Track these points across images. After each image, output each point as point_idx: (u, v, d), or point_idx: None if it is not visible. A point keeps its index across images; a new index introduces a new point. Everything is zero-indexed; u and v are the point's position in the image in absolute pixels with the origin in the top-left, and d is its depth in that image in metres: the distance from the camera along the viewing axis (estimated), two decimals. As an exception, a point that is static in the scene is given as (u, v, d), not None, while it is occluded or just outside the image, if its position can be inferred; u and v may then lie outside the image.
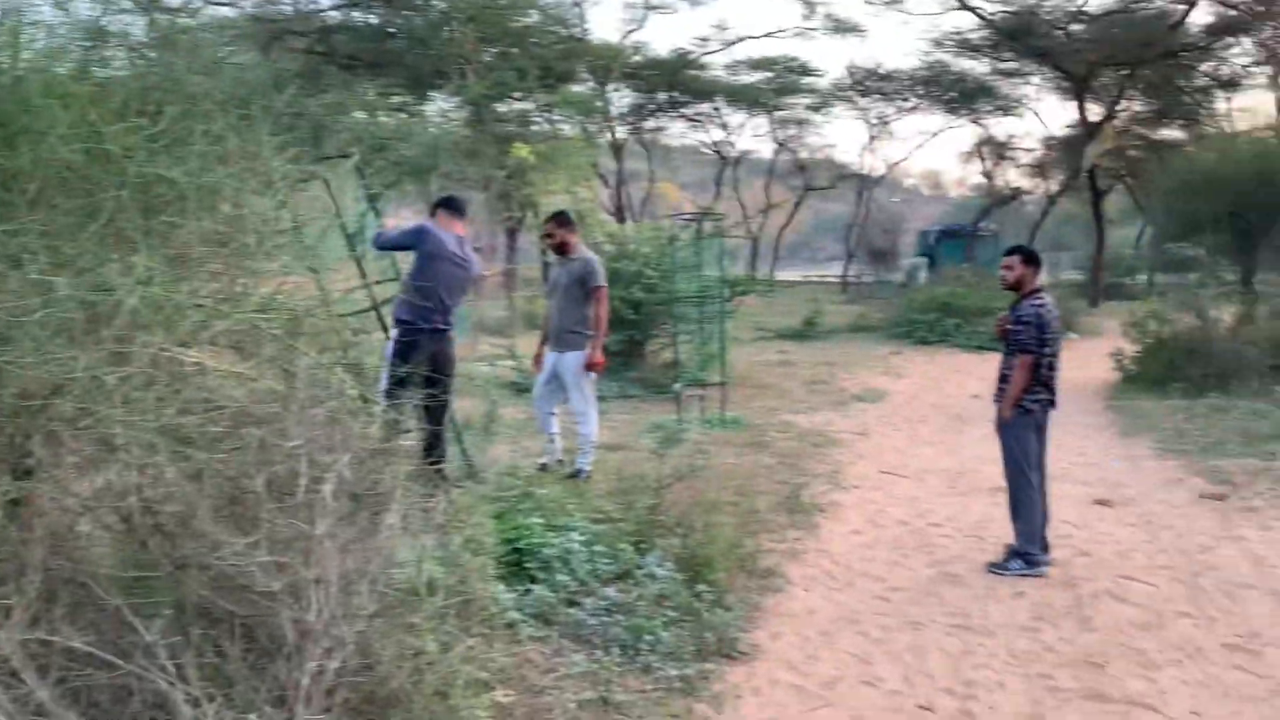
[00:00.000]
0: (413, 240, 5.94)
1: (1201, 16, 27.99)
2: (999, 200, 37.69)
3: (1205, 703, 4.03)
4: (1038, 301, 5.74)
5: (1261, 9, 26.36)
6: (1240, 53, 30.86)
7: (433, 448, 5.68)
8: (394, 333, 5.86)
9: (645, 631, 4.18)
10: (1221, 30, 28.34)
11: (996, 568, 5.65)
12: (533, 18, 28.17)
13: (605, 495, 5.94)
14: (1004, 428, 5.82)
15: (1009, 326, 5.82)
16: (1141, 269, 31.66)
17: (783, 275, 44.66)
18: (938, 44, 32.56)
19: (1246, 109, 34.55)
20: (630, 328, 11.91)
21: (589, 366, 6.94)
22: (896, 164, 45.57)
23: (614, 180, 35.36)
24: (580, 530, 5.02)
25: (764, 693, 4.04)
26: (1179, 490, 7.49)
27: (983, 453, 8.87)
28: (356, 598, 2.86)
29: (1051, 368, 5.76)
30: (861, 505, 7.14)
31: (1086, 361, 15.39)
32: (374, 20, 25.75)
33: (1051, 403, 5.82)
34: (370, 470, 3.11)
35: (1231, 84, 32.53)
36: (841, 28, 34.12)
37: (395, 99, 27.21)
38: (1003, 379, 5.84)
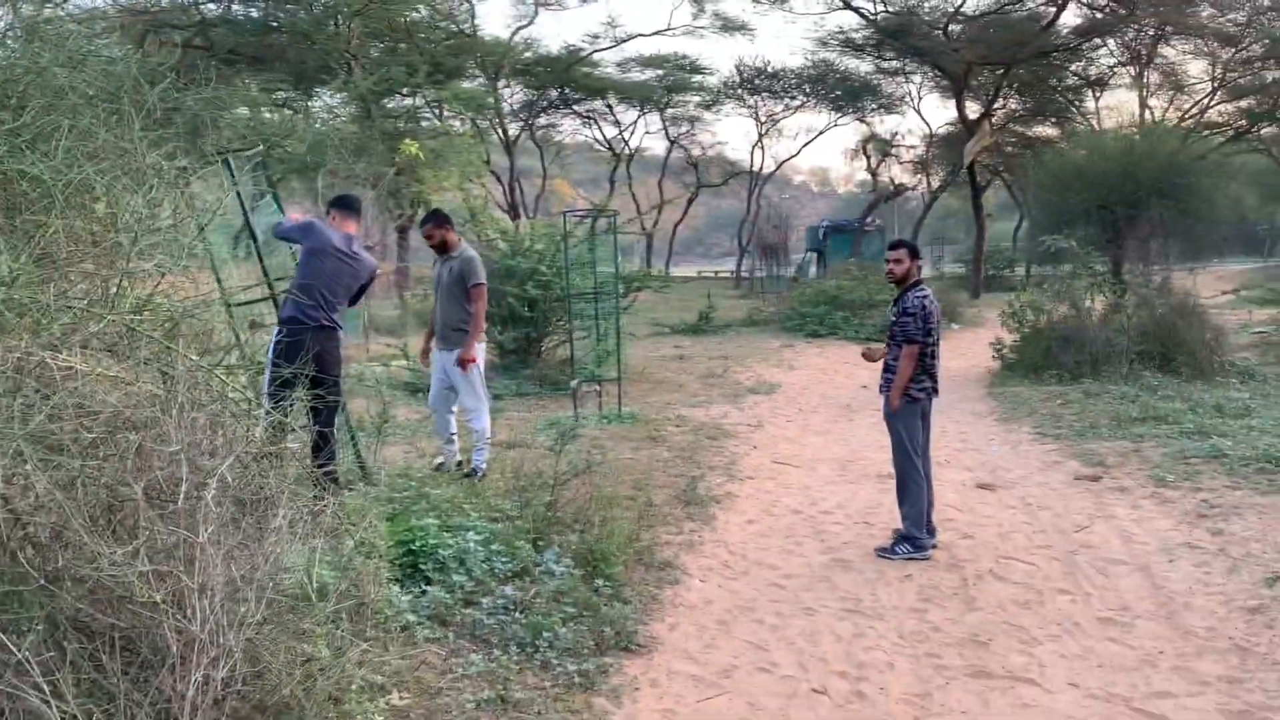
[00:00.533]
0: (299, 235, 5.82)
1: (1071, 19, 29.29)
2: (884, 196, 38.72)
3: (1082, 674, 4.22)
4: (921, 293, 5.93)
5: (1124, 12, 27.69)
6: (1106, 54, 32.45)
7: (321, 449, 5.56)
8: (277, 331, 5.72)
9: (543, 628, 4.18)
10: (1088, 32, 29.70)
11: (885, 552, 5.82)
12: (421, 13, 27.74)
13: (502, 494, 5.91)
14: (892, 416, 5.99)
15: (894, 318, 5.98)
16: (1020, 261, 32.90)
17: (677, 271, 45.00)
18: (823, 43, 33.32)
19: (1113, 107, 36.33)
20: (526, 325, 11.87)
21: (460, 362, 6.89)
22: (786, 161, 46.40)
23: (507, 177, 35.08)
24: (477, 530, 4.98)
25: (662, 684, 4.08)
26: (1056, 473, 7.83)
27: (871, 440, 9.14)
28: (243, 605, 2.78)
29: (934, 356, 5.96)
30: (756, 495, 7.27)
31: (969, 351, 15.97)
32: (255, 14, 24.98)
33: (935, 390, 6.01)
34: (255, 474, 3.03)
35: (1099, 83, 34.17)
36: (730, 26, 34.58)
37: (279, 95, 26.50)
38: (888, 369, 6.02)
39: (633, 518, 5.98)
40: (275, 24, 24.60)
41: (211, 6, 24.50)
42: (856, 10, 29.53)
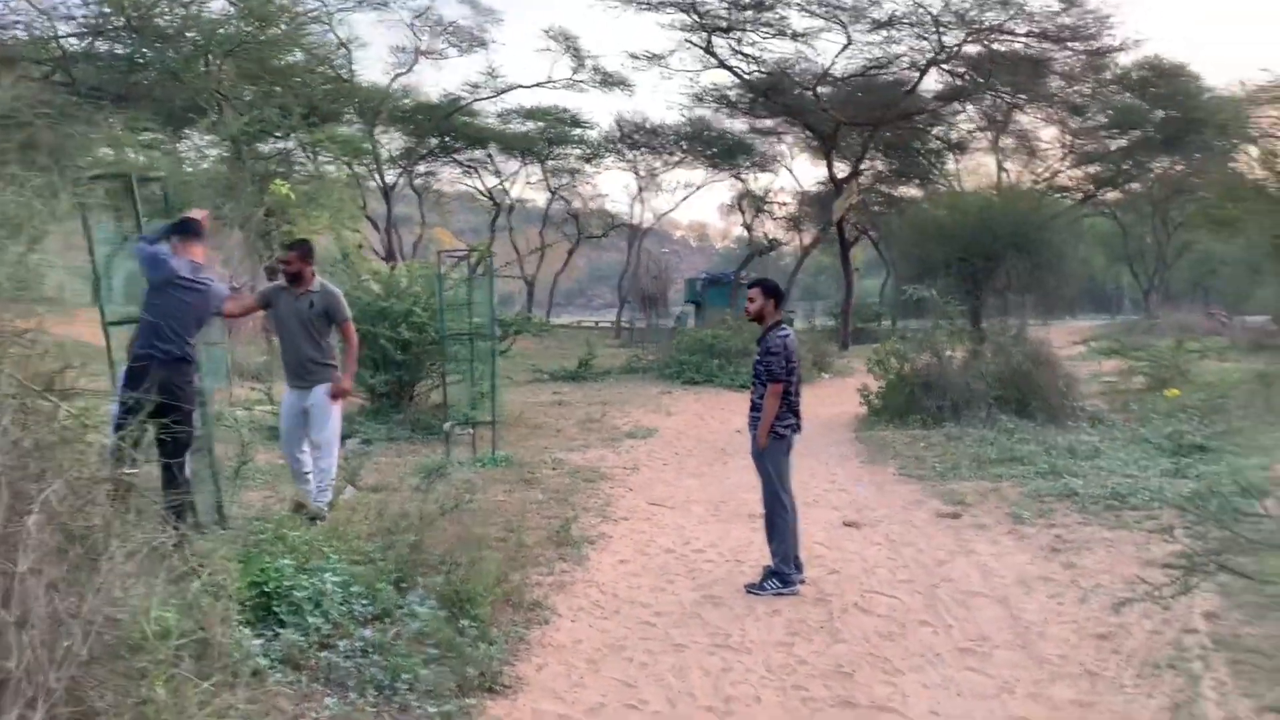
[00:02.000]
0: (145, 267, 5.58)
1: (933, 84, 30.85)
2: (758, 251, 39.71)
3: (943, 703, 4.29)
4: (783, 333, 6.02)
5: (981, 80, 29.33)
6: (966, 119, 34.26)
7: (171, 483, 5.30)
8: (123, 366, 5.45)
9: (403, 670, 4.02)
10: (949, 98, 31.33)
11: (754, 588, 5.84)
12: (296, 56, 27.31)
13: (365, 536, 5.70)
14: (760, 454, 6.04)
15: (758, 358, 6.05)
16: (886, 315, 34.07)
17: (558, 320, 45.01)
18: (698, 99, 34.12)
19: (972, 170, 38.27)
20: (398, 369, 11.62)
21: (335, 394, 6.69)
22: (664, 215, 47.14)
23: (384, 223, 34.60)
24: (336, 571, 4.78)
25: (527, 723, 3.96)
26: (919, 511, 8.04)
27: (744, 482, 9.22)
28: (67, 641, 2.58)
29: (797, 393, 6.06)
30: (630, 536, 7.22)
31: (837, 398, 16.36)
32: (120, 51, 24.14)
33: (798, 426, 6.10)
34: (85, 503, 2.84)
35: (959, 147, 36.00)
36: (609, 81, 35.11)
37: (146, 134, 25.60)
38: (755, 408, 6.07)
39: (502, 558, 5.86)
40: (142, 61, 23.83)
41: (73, 41, 23.58)
42: (730, 69, 30.44)
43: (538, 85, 36.05)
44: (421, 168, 40.07)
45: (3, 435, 2.64)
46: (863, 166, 34.08)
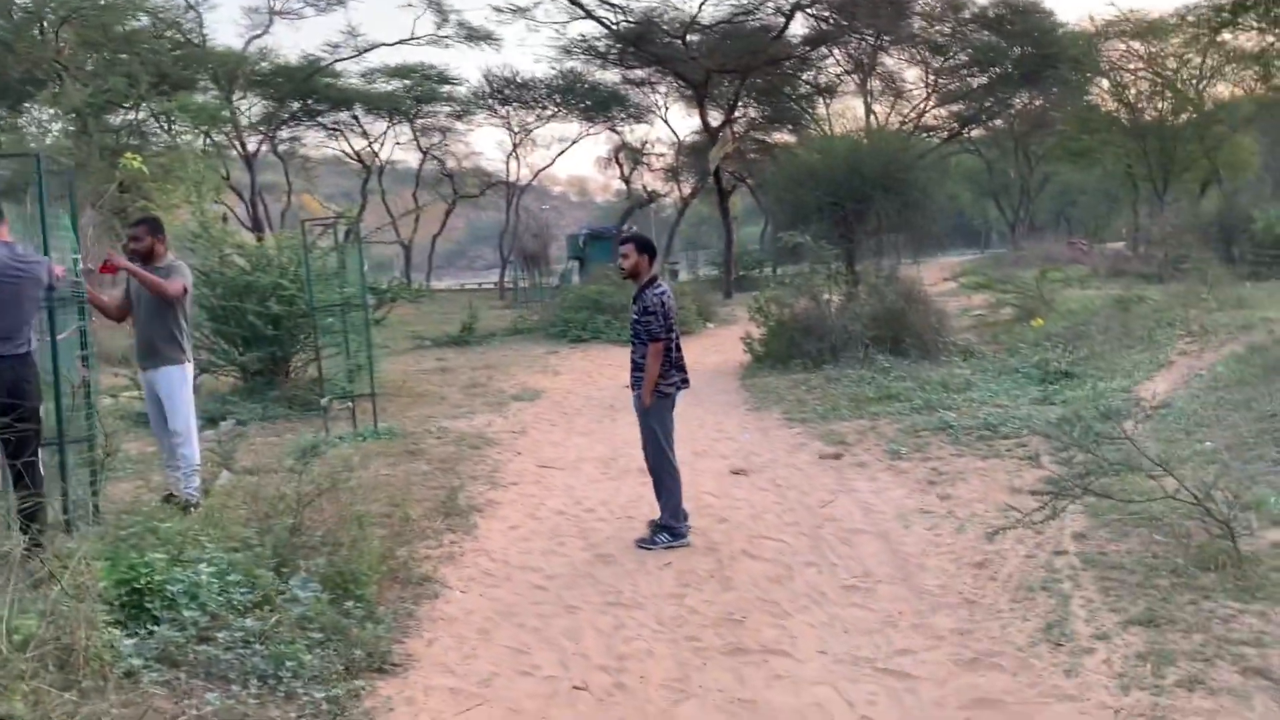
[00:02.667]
0: None
1: (800, 29, 31.12)
2: (638, 203, 39.68)
3: (830, 641, 4.41)
4: (659, 289, 6.00)
5: (845, 23, 29.72)
6: (833, 63, 34.74)
7: (20, 483, 5.01)
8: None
9: (286, 658, 3.90)
10: (815, 41, 31.68)
11: (645, 544, 5.88)
12: (142, 21, 25.91)
13: (242, 521, 5.51)
14: (645, 412, 6.04)
15: (636, 316, 6.01)
16: (767, 262, 34.54)
17: (440, 284, 44.29)
18: (567, 52, 33.71)
19: (842, 113, 38.92)
20: (270, 344, 11.24)
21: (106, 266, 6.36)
22: (541, 170, 46.61)
23: (249, 193, 33.31)
24: (211, 561, 4.61)
25: (418, 701, 3.91)
26: (802, 454, 8.21)
27: (633, 437, 9.17)
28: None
29: (679, 349, 6.06)
30: (520, 501, 7.18)
31: (721, 347, 16.56)
32: (-57, 19, 22.52)
33: (684, 381, 6.12)
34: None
35: (829, 91, 36.51)
36: (475, 36, 34.38)
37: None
38: (637, 367, 6.05)
39: (387, 534, 5.76)
40: (-32, 31, 22.29)
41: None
42: (597, 19, 30.12)
43: (401, 43, 35.30)
44: (284, 133, 38.64)
45: None
46: (735, 114, 34.29)
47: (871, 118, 35.99)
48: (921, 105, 37.21)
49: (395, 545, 5.63)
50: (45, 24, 23.24)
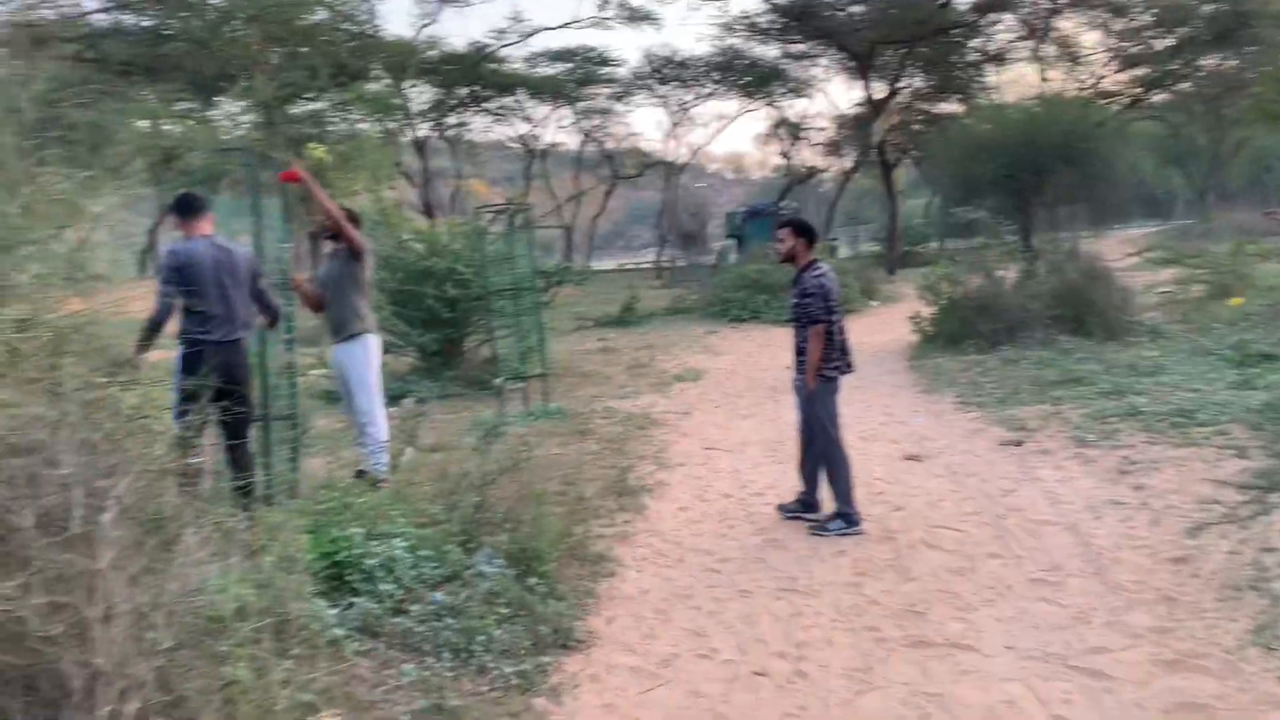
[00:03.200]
0: (164, 274, 5.41)
1: (967, -4, 29.88)
2: (798, 179, 39.11)
3: (1017, 636, 4.26)
4: (817, 272, 5.90)
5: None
6: (1004, 29, 33.19)
7: (237, 463, 5.37)
8: (178, 350, 5.45)
9: (477, 632, 4.07)
10: (986, 8, 30.33)
11: (818, 530, 5.82)
12: (320, 15, 27.14)
13: (430, 498, 5.75)
14: (808, 398, 5.97)
15: (796, 300, 5.92)
16: (933, 236, 33.49)
17: (599, 264, 44.96)
18: (728, 29, 33.45)
19: (1013, 81, 37.17)
20: (447, 326, 11.67)
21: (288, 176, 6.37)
22: (699, 149, 46.55)
23: (420, 178, 34.58)
24: (404, 536, 4.84)
25: (602, 678, 4.00)
26: (980, 439, 7.94)
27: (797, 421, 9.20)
28: (152, 631, 2.63)
29: (841, 332, 5.96)
30: (687, 482, 7.22)
31: (887, 326, 16.18)
32: (146, 23, 24.17)
33: (849, 365, 6.02)
34: (157, 494, 2.87)
35: (999, 58, 34.92)
36: (636, 16, 34.52)
37: (179, 105, 25.77)
38: (799, 351, 5.99)
39: (564, 513, 5.90)
40: (168, 33, 23.84)
41: (101, 18, 23.63)
42: (760, -5, 29.75)
43: (564, 26, 35.77)
44: (452, 119, 39.87)
45: (72, 433, 2.67)
46: (900, 85, 33.26)
47: (1046, 85, 34.24)
48: (1100, 71, 35.15)
49: (572, 523, 5.76)
50: (236, 22, 24.68)
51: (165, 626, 2.69)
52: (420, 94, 35.59)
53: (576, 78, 38.31)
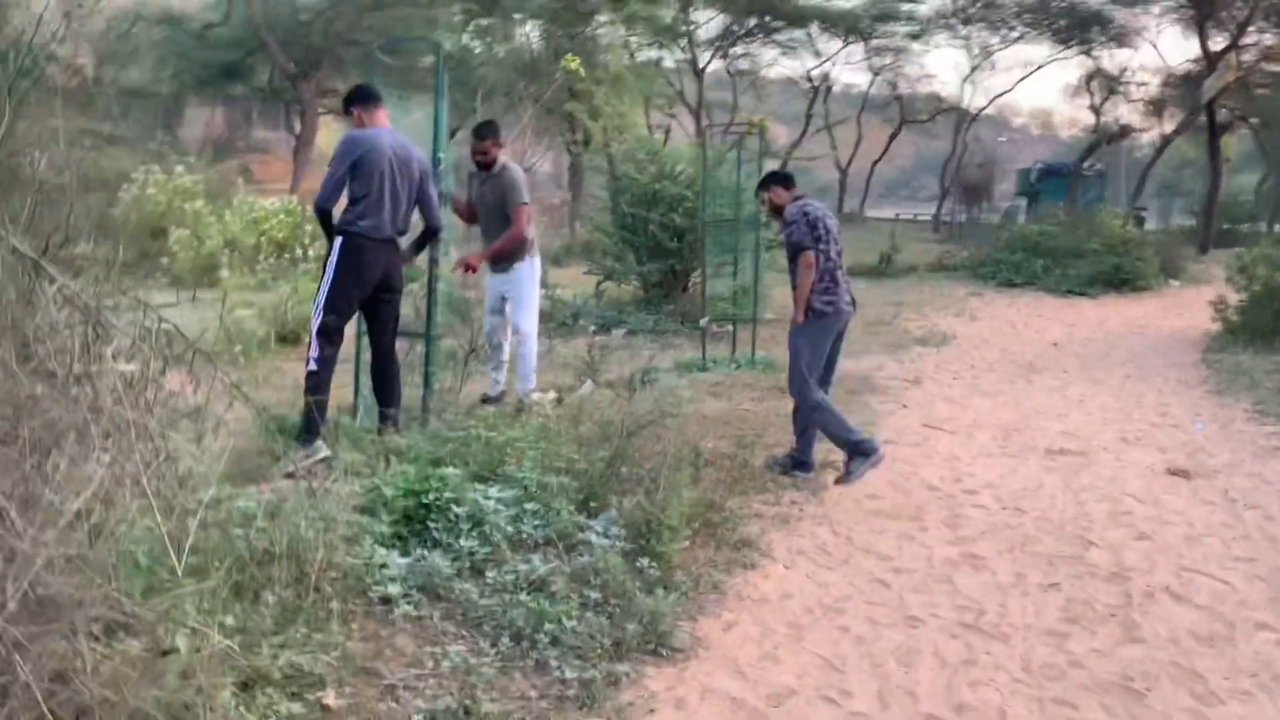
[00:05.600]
0: (341, 159, 5.03)
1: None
2: (1106, 138, 35.15)
3: (1279, 751, 3.02)
4: (800, 203, 5.65)
5: None
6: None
7: (381, 375, 5.19)
8: (338, 241, 5.04)
9: (548, 618, 3.33)
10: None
11: (773, 466, 5.62)
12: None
13: (577, 442, 5.06)
14: (793, 331, 5.63)
15: (785, 239, 5.71)
16: (1261, 216, 29.16)
17: (874, 212, 43.01)
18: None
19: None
20: (670, 257, 10.96)
21: (465, 267, 6.34)
22: (997, 97, 42.83)
23: (696, 106, 33.95)
24: (512, 483, 4.18)
25: (688, 705, 3.15)
26: (1274, 461, 6.28)
27: (1048, 408, 7.83)
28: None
29: (839, 265, 5.63)
30: (888, 463, 6.07)
31: (1185, 310, 13.98)
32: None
33: (852, 303, 5.73)
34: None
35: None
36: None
37: (476, 21, 26.66)
38: (794, 289, 5.64)
39: (721, 478, 5.07)
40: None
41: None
42: (1088, -74, 26.50)
43: (865, -45, 33.59)
44: (739, 49, 38.79)
45: None
46: (1244, 40, 28.78)
47: None
48: None
49: (727, 494, 4.92)
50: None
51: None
52: (709, 20, 34.79)
53: (874, 13, 36.08)
